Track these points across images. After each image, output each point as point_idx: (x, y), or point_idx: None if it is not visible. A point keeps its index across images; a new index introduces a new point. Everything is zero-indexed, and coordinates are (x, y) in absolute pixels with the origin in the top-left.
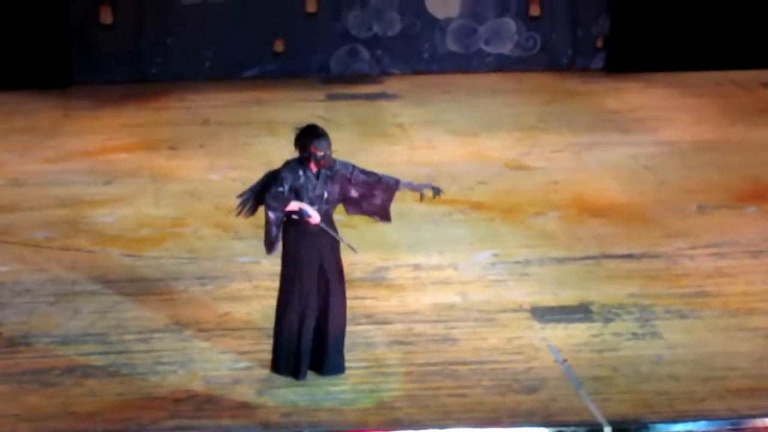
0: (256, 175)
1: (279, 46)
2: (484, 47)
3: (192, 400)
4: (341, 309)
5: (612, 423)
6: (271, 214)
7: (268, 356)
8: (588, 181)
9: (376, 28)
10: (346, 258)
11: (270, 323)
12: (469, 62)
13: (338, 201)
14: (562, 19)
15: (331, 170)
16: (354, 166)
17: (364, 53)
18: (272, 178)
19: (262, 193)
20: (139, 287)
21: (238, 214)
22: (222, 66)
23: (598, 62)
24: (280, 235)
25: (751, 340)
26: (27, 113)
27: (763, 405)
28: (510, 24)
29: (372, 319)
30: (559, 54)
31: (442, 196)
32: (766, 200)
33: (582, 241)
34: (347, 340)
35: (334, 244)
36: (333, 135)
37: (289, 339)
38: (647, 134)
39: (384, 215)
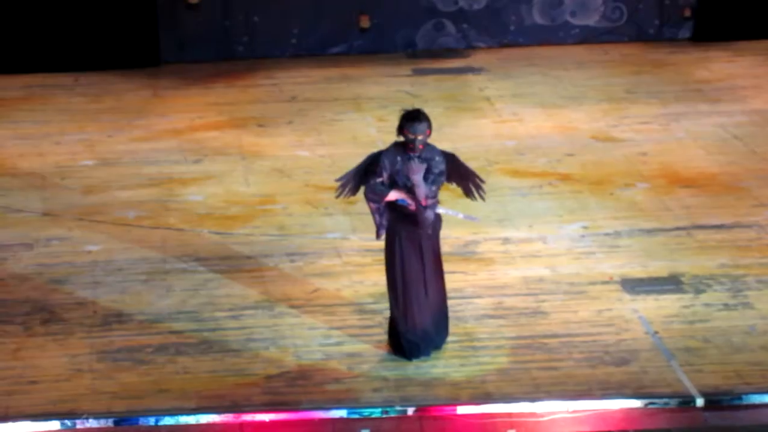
0: (343, 151)
1: (365, 22)
2: (569, 19)
3: (284, 376)
4: (440, 290)
5: (704, 394)
6: (372, 205)
7: (359, 331)
8: (677, 152)
9: (461, 2)
10: None
11: (359, 299)
12: (554, 34)
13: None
14: None
15: (425, 157)
16: (440, 168)
17: (450, 27)
18: (372, 163)
19: (364, 176)
20: (230, 265)
21: (338, 196)
22: (308, 43)
23: (686, 32)
24: (385, 221)
25: None
26: (116, 93)
27: None
28: None
29: (462, 293)
30: (645, 24)
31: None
32: None
33: (671, 212)
34: None
35: (435, 225)
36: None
37: (398, 321)
38: (736, 104)
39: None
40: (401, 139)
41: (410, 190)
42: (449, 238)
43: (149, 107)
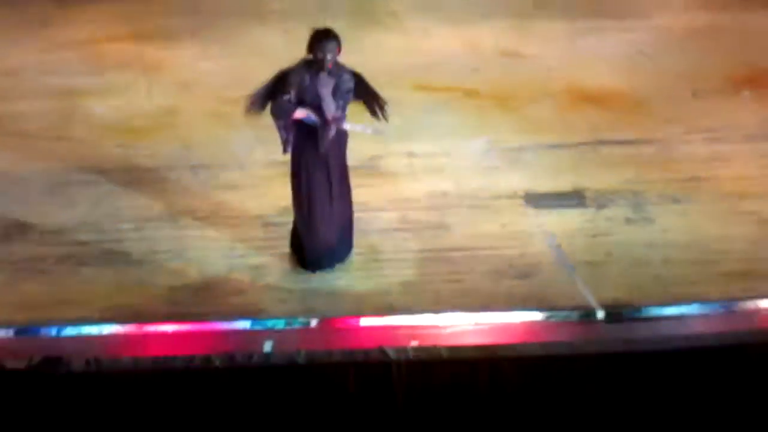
0: (247, 64)
1: None
2: None
3: (187, 288)
4: (347, 205)
5: (605, 307)
6: (279, 121)
7: (263, 244)
8: (582, 68)
9: None
10: None
11: (263, 212)
12: None
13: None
14: None
15: (333, 74)
16: (347, 86)
17: None
18: (280, 80)
19: (273, 93)
20: (133, 177)
21: (247, 112)
22: None
23: None
24: (291, 137)
25: (745, 224)
26: (17, 4)
27: (755, 288)
28: None
29: (366, 207)
30: None
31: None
32: (761, 85)
33: (576, 128)
34: None
35: (341, 140)
36: (325, 23)
37: (300, 233)
38: (642, 20)
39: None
40: (309, 56)
41: (317, 108)
42: (354, 152)
43: (51, 18)
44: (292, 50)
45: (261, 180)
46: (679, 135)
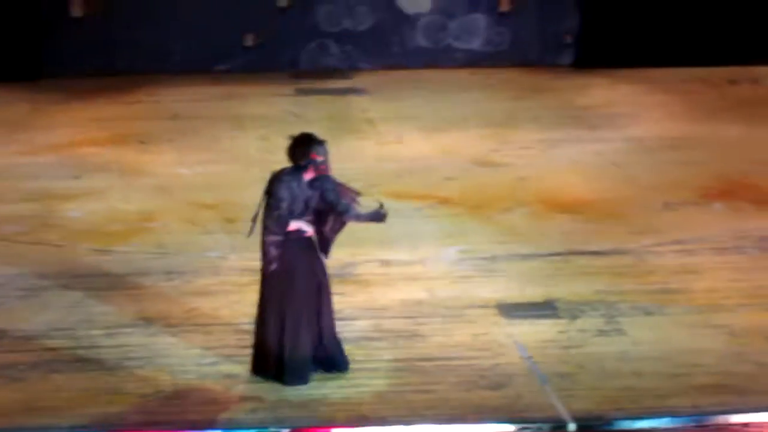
0: (224, 170)
1: (249, 41)
2: (453, 43)
3: (158, 395)
4: (332, 309)
5: (577, 419)
6: (273, 238)
7: (235, 351)
8: (555, 178)
9: (345, 23)
10: None
11: (236, 319)
12: (438, 58)
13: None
14: (531, 15)
15: (322, 179)
16: (335, 186)
17: (334, 48)
18: (271, 198)
19: (266, 213)
20: (108, 282)
21: (249, 234)
22: (192, 60)
23: (567, 58)
24: (278, 253)
25: (717, 337)
26: None
27: (727, 402)
28: (480, 20)
29: (340, 314)
30: (527, 50)
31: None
32: (733, 197)
33: (549, 238)
34: None
35: (324, 249)
36: (301, 130)
37: (281, 352)
38: (615, 131)
39: (324, 247)
40: (299, 163)
41: (305, 217)
42: (328, 259)
43: (29, 121)
44: (267, 157)
45: (234, 286)
46: (651, 246)
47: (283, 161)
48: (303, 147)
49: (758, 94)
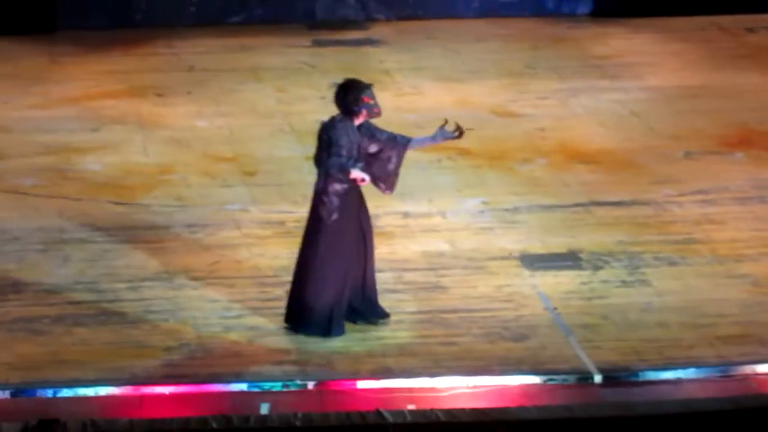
0: (242, 122)
1: None
2: None
3: (183, 348)
4: (373, 260)
5: (601, 371)
6: (337, 186)
7: (259, 304)
8: (575, 128)
9: None
10: None
11: (259, 272)
12: (454, 8)
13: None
14: None
15: (366, 125)
16: (376, 126)
17: None
18: (330, 145)
19: (327, 159)
20: (128, 235)
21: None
22: (207, 11)
23: (585, 8)
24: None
25: (740, 286)
26: (11, 59)
27: (751, 352)
28: None
29: None
30: None
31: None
32: (753, 146)
33: (570, 188)
34: None
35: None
36: (318, 82)
37: (332, 303)
38: (634, 80)
39: (389, 184)
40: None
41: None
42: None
43: (45, 74)
44: (284, 108)
45: (256, 239)
46: (673, 196)
47: (299, 112)
48: (355, 92)
49: None
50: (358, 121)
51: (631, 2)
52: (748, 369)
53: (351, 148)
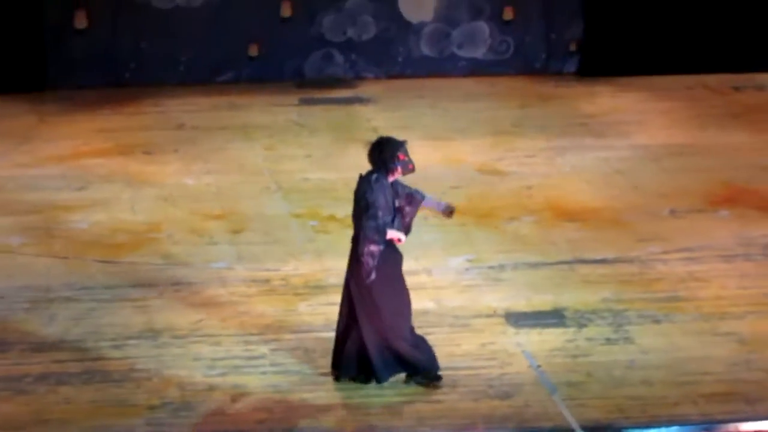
0: (230, 180)
1: (254, 51)
2: (457, 51)
3: (167, 407)
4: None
5: (586, 428)
6: (372, 248)
7: (243, 362)
8: (562, 186)
9: (350, 32)
10: (321, 264)
11: (244, 330)
12: (442, 66)
13: None
14: (535, 23)
15: (397, 183)
16: (405, 189)
17: (338, 57)
18: (368, 206)
19: (365, 222)
20: (114, 293)
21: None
22: (197, 70)
23: (572, 66)
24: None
25: (724, 344)
26: (0, 118)
27: (736, 410)
28: (483, 28)
29: None
30: (532, 58)
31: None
32: (738, 204)
33: (556, 246)
34: (320, 347)
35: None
36: (307, 140)
37: (410, 352)
38: (620, 138)
39: (406, 232)
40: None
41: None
42: (334, 269)
43: (34, 132)
44: (272, 166)
45: (242, 297)
46: (658, 254)
47: (288, 171)
48: (391, 149)
49: (763, 101)
50: (392, 178)
51: (618, 61)
52: (732, 427)
53: (387, 207)
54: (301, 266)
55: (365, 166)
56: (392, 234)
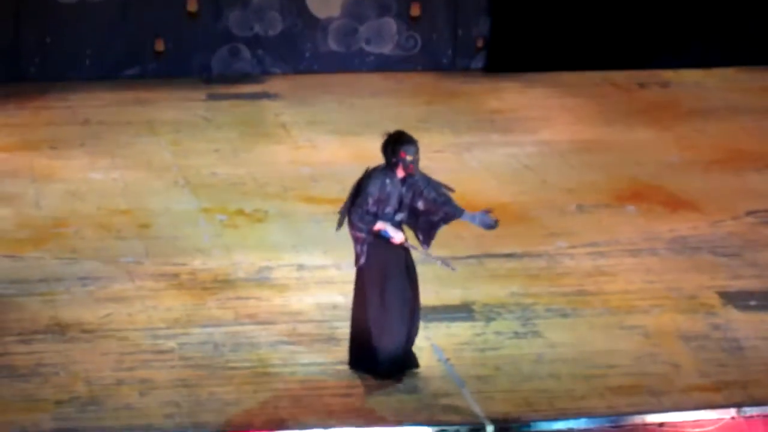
0: (136, 175)
1: (160, 46)
2: (365, 47)
3: (74, 402)
4: (419, 308)
5: (494, 421)
6: (357, 234)
7: (151, 357)
8: (469, 182)
9: (257, 28)
10: (229, 258)
11: (152, 325)
12: (350, 62)
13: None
14: (442, 20)
15: (413, 177)
16: (429, 181)
17: (246, 53)
18: (358, 193)
19: (351, 206)
20: (20, 288)
21: (338, 227)
22: (102, 65)
23: (478, 62)
24: (365, 249)
25: (631, 338)
26: None
27: (641, 402)
28: (390, 24)
29: (256, 319)
30: (439, 54)
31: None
32: (644, 199)
33: (464, 241)
34: (229, 341)
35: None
36: (214, 135)
37: (397, 346)
38: (527, 134)
39: (428, 239)
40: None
41: (392, 222)
42: (243, 263)
43: None
44: (180, 161)
45: (150, 292)
46: (565, 248)
47: (196, 166)
48: (392, 144)
49: (667, 98)
50: (400, 174)
51: (524, 57)
52: (638, 419)
53: (385, 199)
54: (209, 261)
55: (273, 162)
56: (383, 227)
